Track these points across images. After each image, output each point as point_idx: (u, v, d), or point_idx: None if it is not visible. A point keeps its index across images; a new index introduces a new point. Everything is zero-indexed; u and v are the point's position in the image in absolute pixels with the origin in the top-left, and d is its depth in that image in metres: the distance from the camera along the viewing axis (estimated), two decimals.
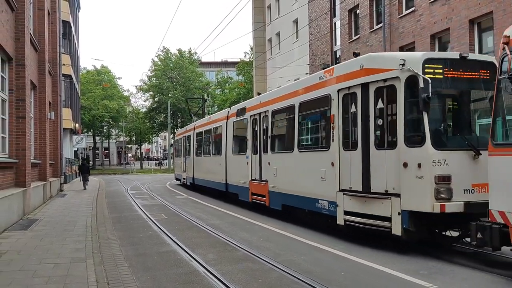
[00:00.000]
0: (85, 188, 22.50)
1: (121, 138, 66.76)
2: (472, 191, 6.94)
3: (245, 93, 46.84)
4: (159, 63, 56.07)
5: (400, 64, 7.39)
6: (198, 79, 56.19)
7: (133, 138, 63.62)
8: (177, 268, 6.72)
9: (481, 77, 7.49)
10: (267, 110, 12.42)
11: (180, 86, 53.75)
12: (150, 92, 56.57)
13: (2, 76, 10.88)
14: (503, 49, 5.98)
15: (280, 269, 6.52)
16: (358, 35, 22.25)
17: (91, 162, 54.01)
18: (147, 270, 6.60)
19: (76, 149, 32.08)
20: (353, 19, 23.21)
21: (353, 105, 8.46)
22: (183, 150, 25.24)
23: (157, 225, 10.83)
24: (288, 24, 30.74)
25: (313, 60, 26.82)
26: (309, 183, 9.86)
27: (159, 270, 6.63)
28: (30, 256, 6.97)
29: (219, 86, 57.78)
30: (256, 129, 13.25)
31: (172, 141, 56.66)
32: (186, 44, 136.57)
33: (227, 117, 16.18)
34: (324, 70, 9.62)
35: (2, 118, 10.85)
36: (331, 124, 9.01)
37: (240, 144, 14.96)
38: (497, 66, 6.32)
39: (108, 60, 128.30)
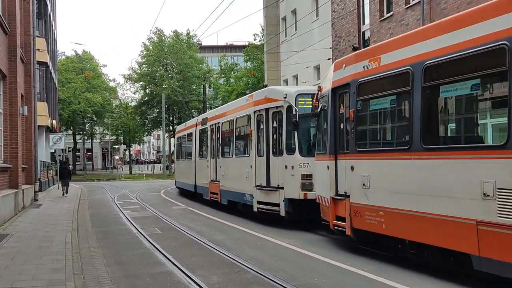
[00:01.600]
0: (64, 195, 22.78)
1: (107, 138, 67.24)
2: None
3: (254, 82, 46.64)
4: (151, 47, 56.16)
5: (284, 97, 12.12)
6: (198, 66, 56.15)
7: (121, 137, 64.01)
8: None
9: None
10: (219, 122, 17.50)
11: (176, 74, 53.78)
12: (141, 82, 56.84)
13: None
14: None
15: None
16: (391, 12, 22.10)
17: (71, 166, 54.47)
18: None
19: (53, 150, 32.32)
20: None
21: (261, 123, 13.32)
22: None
23: (149, 241, 10.90)
24: (306, 0, 30.69)
25: (337, 43, 26.72)
26: (240, 181, 14.69)
27: None
28: None
29: (222, 75, 57.44)
30: (213, 137, 18.22)
31: (167, 141, 57.01)
32: (184, 25, 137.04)
33: (196, 125, 21.18)
34: (249, 95, 14.87)
35: None
36: (250, 137, 13.91)
37: (204, 149, 20.00)
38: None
39: (91, 45, 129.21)
